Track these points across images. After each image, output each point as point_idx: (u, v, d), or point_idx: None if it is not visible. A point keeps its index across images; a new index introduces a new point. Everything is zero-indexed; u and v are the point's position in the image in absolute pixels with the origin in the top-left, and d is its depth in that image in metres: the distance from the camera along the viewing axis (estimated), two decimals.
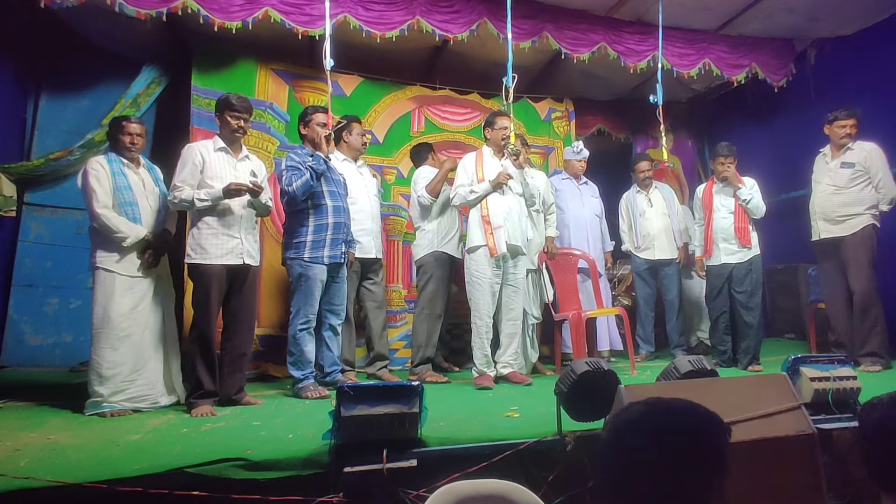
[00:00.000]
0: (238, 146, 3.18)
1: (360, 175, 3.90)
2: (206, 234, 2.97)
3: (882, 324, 3.75)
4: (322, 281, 3.31)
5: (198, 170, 2.99)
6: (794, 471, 1.86)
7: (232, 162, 3.11)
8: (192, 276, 3.05)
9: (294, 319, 3.28)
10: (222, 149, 3.10)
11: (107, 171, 2.94)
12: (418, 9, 4.14)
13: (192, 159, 3.00)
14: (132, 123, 3.09)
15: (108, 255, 2.90)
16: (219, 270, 2.96)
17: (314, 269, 3.28)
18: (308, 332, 3.28)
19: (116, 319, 2.84)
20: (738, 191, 4.09)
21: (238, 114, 3.10)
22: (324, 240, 3.32)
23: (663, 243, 4.75)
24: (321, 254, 3.30)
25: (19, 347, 4.27)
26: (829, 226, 3.92)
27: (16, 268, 4.32)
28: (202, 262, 2.95)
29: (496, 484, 1.45)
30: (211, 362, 2.94)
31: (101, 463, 1.91)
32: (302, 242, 3.30)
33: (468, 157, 3.79)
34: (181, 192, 2.94)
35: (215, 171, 3.02)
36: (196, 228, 2.99)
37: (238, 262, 3.02)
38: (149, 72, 4.53)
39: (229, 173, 3.05)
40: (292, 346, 3.27)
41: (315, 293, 3.29)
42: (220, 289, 2.98)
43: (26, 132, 4.49)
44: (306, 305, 3.27)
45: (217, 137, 3.15)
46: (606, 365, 2.15)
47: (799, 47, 5.21)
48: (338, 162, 3.76)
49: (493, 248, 3.51)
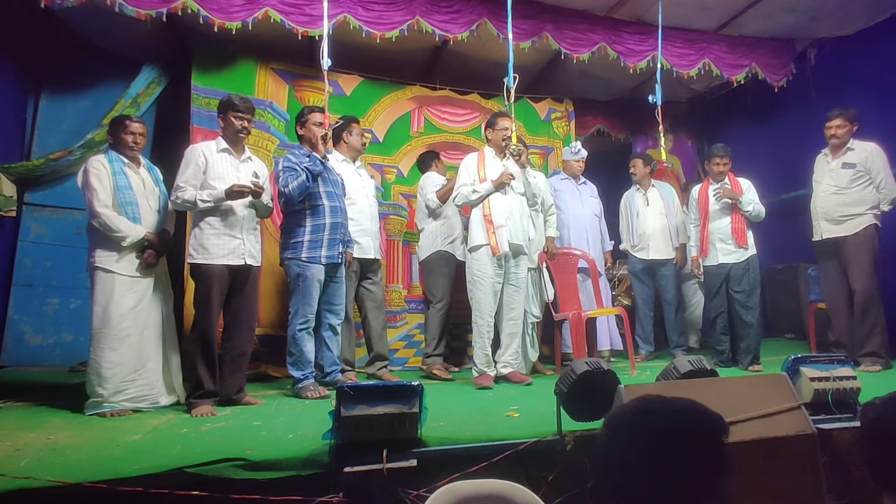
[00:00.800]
0: (241, 147, 3.19)
1: (358, 176, 3.91)
2: (208, 234, 2.97)
3: (882, 324, 3.74)
4: (320, 281, 3.32)
5: (200, 170, 3.00)
6: (794, 471, 1.86)
7: (234, 163, 3.11)
8: (193, 276, 3.04)
9: (293, 319, 3.29)
10: (225, 150, 3.10)
11: (107, 170, 2.93)
12: (418, 9, 4.14)
13: (196, 160, 3.00)
14: (135, 122, 3.09)
15: (107, 254, 2.89)
16: (220, 270, 2.97)
17: (312, 269, 3.28)
18: (307, 331, 3.28)
19: (116, 319, 2.84)
20: (739, 203, 4.09)
21: (242, 114, 3.10)
22: (321, 240, 3.32)
23: (658, 243, 4.75)
24: (318, 254, 3.31)
25: (19, 347, 4.27)
26: (831, 226, 3.92)
27: (16, 268, 4.32)
28: (204, 262, 2.95)
29: (496, 484, 1.45)
30: (211, 362, 2.94)
31: (101, 463, 1.91)
32: (299, 242, 3.30)
33: (470, 158, 3.79)
34: (184, 193, 2.94)
35: (218, 172, 3.03)
36: (198, 228, 2.99)
37: (240, 262, 3.03)
38: (149, 72, 4.53)
39: (232, 174, 3.06)
40: (292, 347, 3.27)
41: (313, 293, 3.29)
42: (221, 289, 2.98)
43: (26, 132, 4.49)
44: (304, 305, 3.27)
45: (220, 139, 3.15)
46: (606, 365, 2.15)
47: (799, 47, 5.21)
48: (336, 162, 3.76)
49: (495, 248, 3.52)
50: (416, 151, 4.93)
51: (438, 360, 4.09)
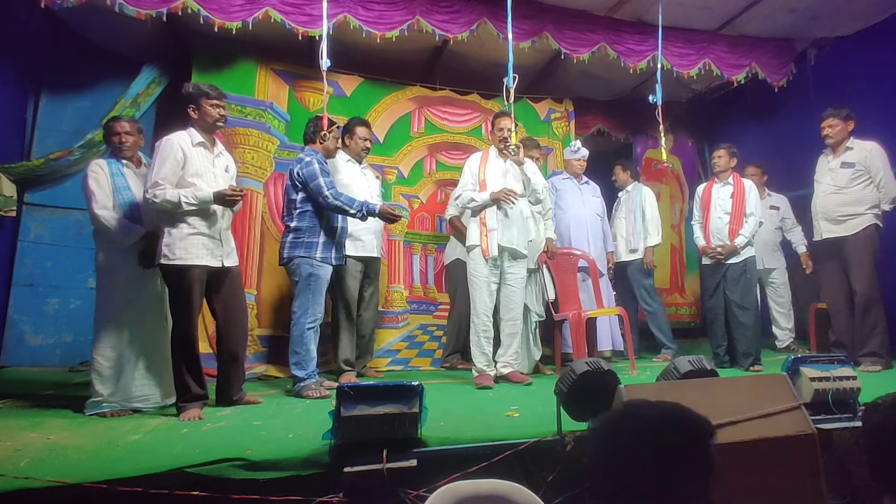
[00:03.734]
0: (213, 139, 3.01)
1: (363, 176, 3.96)
2: (186, 233, 2.79)
3: (883, 324, 3.74)
4: (328, 281, 3.38)
5: (179, 166, 2.80)
6: (794, 471, 1.85)
7: (210, 158, 2.96)
8: (170, 279, 2.83)
9: (301, 319, 3.28)
10: (200, 143, 2.92)
11: (105, 173, 2.93)
12: (418, 9, 4.14)
13: (174, 155, 2.79)
14: (121, 122, 3.04)
15: (110, 255, 2.90)
16: (199, 272, 2.82)
17: (324, 269, 3.34)
18: (314, 330, 3.31)
19: (118, 319, 2.85)
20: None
21: (217, 102, 2.93)
22: (334, 242, 3.41)
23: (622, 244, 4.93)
24: (331, 255, 3.38)
25: (19, 347, 4.27)
26: (831, 226, 3.92)
27: (16, 268, 4.32)
28: (182, 263, 2.77)
29: (496, 484, 1.45)
30: (196, 365, 2.83)
31: (101, 463, 1.91)
32: (314, 243, 3.34)
33: (474, 158, 3.80)
34: (164, 192, 2.72)
35: (195, 167, 2.85)
36: (174, 228, 2.78)
37: (217, 264, 2.90)
38: (149, 72, 4.53)
39: (208, 170, 2.91)
40: (297, 346, 3.27)
41: (324, 293, 3.36)
42: (201, 290, 2.86)
43: (26, 132, 4.48)
44: (315, 304, 3.30)
45: (192, 130, 2.92)
46: (606, 365, 2.15)
47: (799, 47, 5.21)
48: (343, 162, 3.85)
49: (485, 250, 3.54)
50: (416, 152, 4.94)
51: (457, 356, 4.39)
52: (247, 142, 4.31)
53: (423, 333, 4.70)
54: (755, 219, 4.14)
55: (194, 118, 2.93)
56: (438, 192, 4.98)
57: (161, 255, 2.77)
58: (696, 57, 4.86)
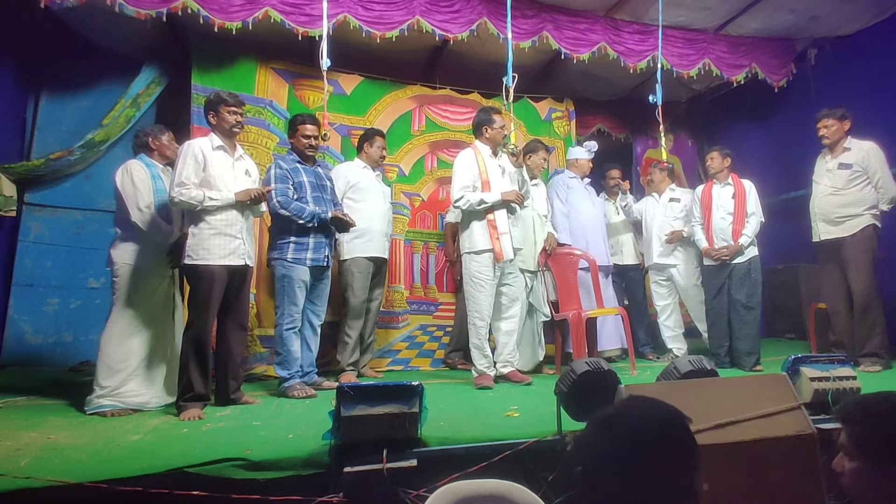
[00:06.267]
0: (233, 144, 3.13)
1: (376, 181, 4.09)
2: (208, 234, 2.92)
3: (882, 324, 3.74)
4: (304, 282, 3.35)
5: (200, 168, 2.93)
6: (794, 471, 1.85)
7: (230, 161, 3.08)
8: (191, 278, 2.94)
9: (279, 320, 3.32)
10: (220, 147, 3.04)
11: (147, 175, 3.04)
12: (418, 9, 4.14)
13: (195, 156, 2.93)
14: (164, 134, 3.20)
15: (133, 251, 2.96)
16: (220, 271, 2.92)
17: (296, 270, 3.32)
18: (294, 331, 3.32)
19: (131, 314, 2.90)
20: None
21: (235, 108, 3.05)
22: (307, 243, 3.37)
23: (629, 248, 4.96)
24: (304, 256, 3.36)
25: (19, 347, 4.27)
26: (830, 227, 3.91)
27: (16, 268, 4.32)
28: (205, 262, 2.89)
29: (496, 484, 1.45)
30: (205, 365, 2.86)
31: (101, 463, 1.91)
32: (286, 244, 3.34)
33: (467, 156, 3.65)
34: (189, 190, 2.86)
35: (216, 170, 2.99)
36: (197, 228, 2.92)
37: (240, 262, 3.00)
38: (149, 72, 4.53)
39: (228, 173, 3.03)
40: (279, 347, 3.31)
41: (297, 294, 3.32)
42: (220, 290, 2.93)
43: (26, 132, 4.48)
44: (290, 305, 3.31)
45: (213, 136, 3.07)
46: (606, 365, 2.15)
47: (799, 47, 5.21)
48: (358, 168, 4.02)
49: (499, 254, 3.49)
50: (417, 150, 4.94)
51: (459, 354, 4.41)
52: (246, 139, 4.31)
53: (424, 334, 4.69)
54: (756, 218, 4.15)
55: (213, 124, 3.08)
56: (440, 189, 4.97)
57: (185, 256, 2.89)
58: (696, 57, 4.86)
